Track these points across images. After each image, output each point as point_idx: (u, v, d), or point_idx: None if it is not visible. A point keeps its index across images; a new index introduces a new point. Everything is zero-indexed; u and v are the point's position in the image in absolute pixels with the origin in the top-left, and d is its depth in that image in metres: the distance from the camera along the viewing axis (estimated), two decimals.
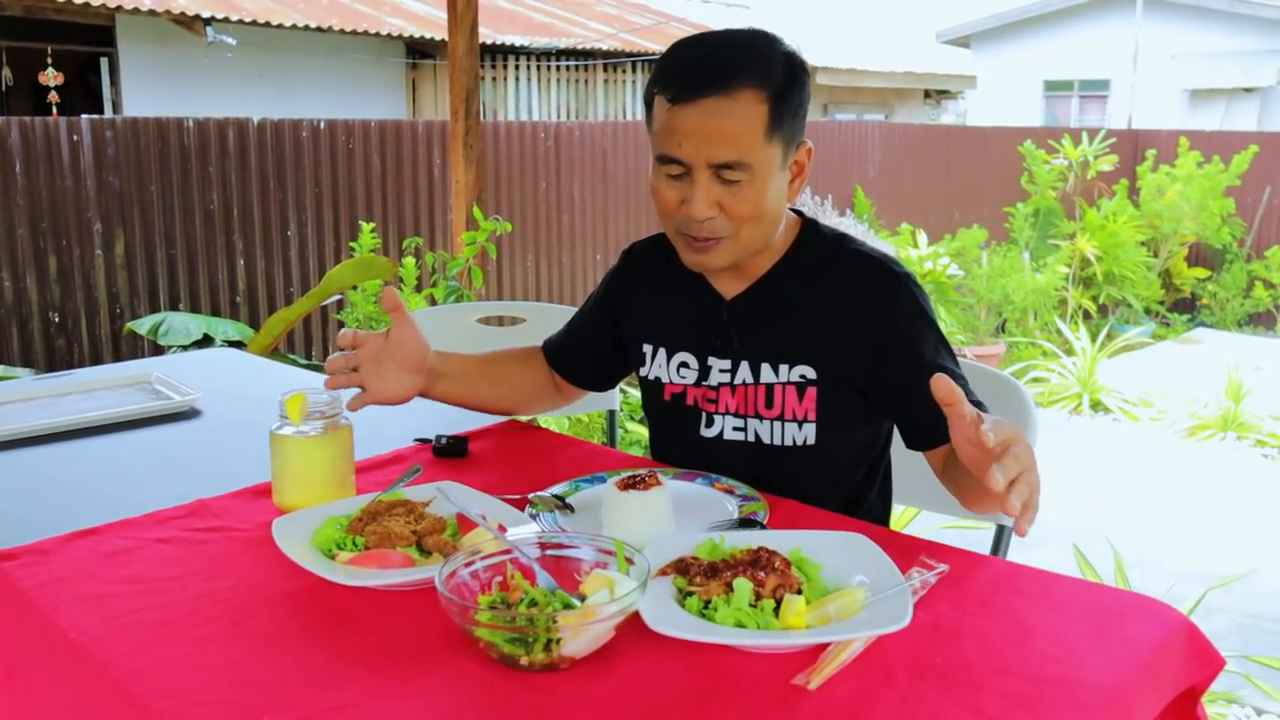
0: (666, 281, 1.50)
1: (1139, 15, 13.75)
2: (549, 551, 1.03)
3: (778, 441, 1.38)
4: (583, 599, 0.95)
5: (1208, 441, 5.47)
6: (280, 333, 3.76)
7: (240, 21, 7.41)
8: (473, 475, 1.37)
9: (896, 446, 1.44)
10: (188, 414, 1.74)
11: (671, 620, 0.93)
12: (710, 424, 1.43)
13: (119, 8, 6.91)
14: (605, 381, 1.68)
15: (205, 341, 3.86)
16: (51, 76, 7.17)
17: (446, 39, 4.08)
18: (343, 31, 7.88)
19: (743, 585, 0.96)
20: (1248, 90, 14.07)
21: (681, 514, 1.22)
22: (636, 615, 0.93)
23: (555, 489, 1.32)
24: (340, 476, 1.29)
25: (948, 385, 0.99)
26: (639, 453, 3.98)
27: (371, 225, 4.37)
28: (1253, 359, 6.91)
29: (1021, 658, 0.93)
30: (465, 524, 1.16)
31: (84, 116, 4.37)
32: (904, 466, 1.52)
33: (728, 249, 1.33)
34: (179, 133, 4.59)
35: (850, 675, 0.90)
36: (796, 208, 1.45)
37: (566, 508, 1.27)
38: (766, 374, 1.38)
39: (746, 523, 1.21)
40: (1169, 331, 8.53)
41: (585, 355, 1.63)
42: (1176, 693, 1.01)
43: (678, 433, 1.47)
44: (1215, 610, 3.26)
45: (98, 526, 1.21)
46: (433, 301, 3.92)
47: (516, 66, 9.16)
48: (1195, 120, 13.92)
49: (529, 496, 1.28)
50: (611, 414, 2.14)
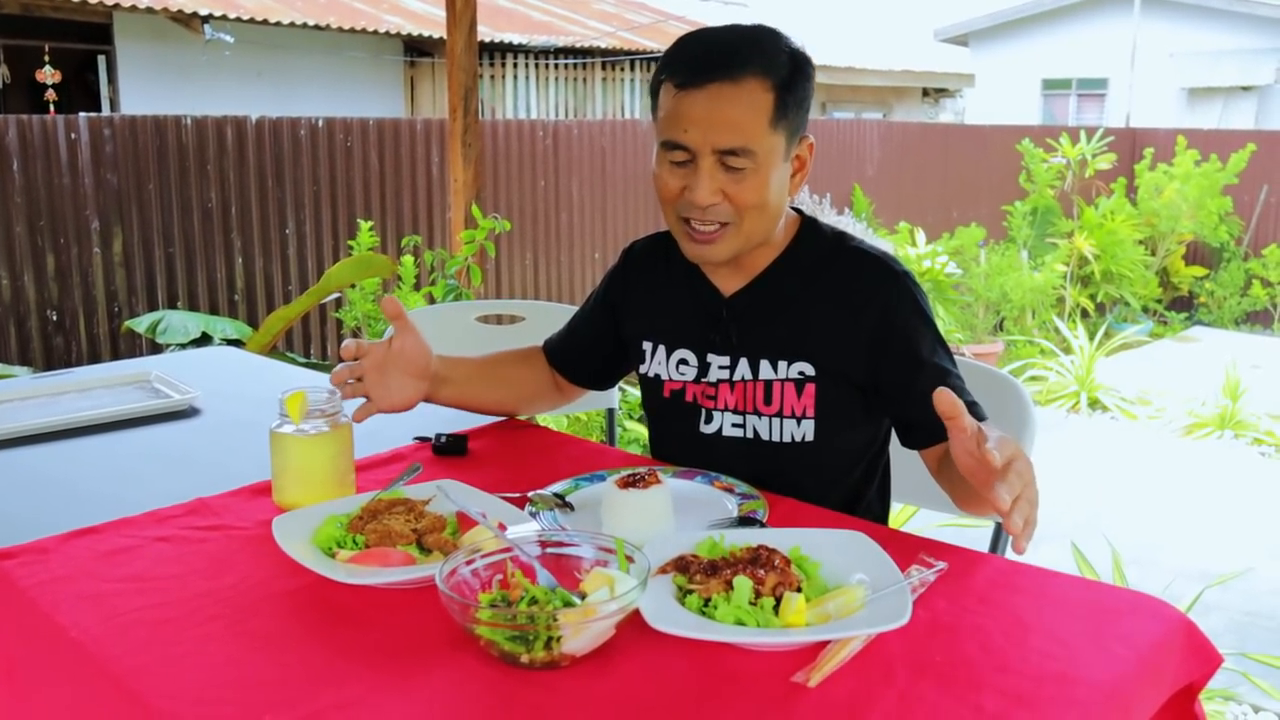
0: (666, 278, 1.50)
1: (1137, 14, 13.76)
2: (549, 550, 1.03)
3: (776, 438, 1.39)
4: (583, 597, 0.95)
5: (1205, 440, 5.48)
6: (279, 331, 3.76)
7: (238, 19, 7.41)
8: (472, 474, 1.37)
9: (895, 445, 1.45)
10: (187, 413, 1.74)
11: (671, 618, 0.94)
12: (709, 420, 1.43)
13: (116, 5, 6.90)
14: (606, 380, 1.68)
15: (204, 340, 3.86)
16: (49, 74, 7.16)
17: (445, 37, 4.08)
18: (341, 29, 7.88)
19: (742, 583, 0.96)
20: (1245, 89, 14.08)
21: (681, 512, 1.22)
22: (637, 613, 0.93)
23: (555, 487, 1.32)
24: (340, 475, 1.29)
25: (950, 399, 0.99)
26: (638, 451, 3.98)
27: (370, 223, 4.37)
28: (1250, 357, 6.92)
29: (1020, 655, 0.94)
30: (465, 522, 1.16)
31: (82, 114, 4.36)
32: (903, 465, 1.52)
33: (730, 240, 1.33)
34: (177, 131, 4.59)
35: (850, 673, 0.90)
36: (795, 206, 1.45)
37: (566, 506, 1.27)
38: (765, 370, 1.39)
39: (746, 521, 1.21)
40: (1167, 330, 8.54)
41: (586, 354, 1.63)
42: (1174, 690, 1.01)
43: (677, 429, 1.48)
44: (1213, 608, 3.27)
45: (97, 525, 1.21)
46: (431, 300, 3.92)
47: (515, 65, 9.16)
48: (1193, 119, 13.93)
49: (529, 495, 1.28)
50: (610, 412, 2.14)
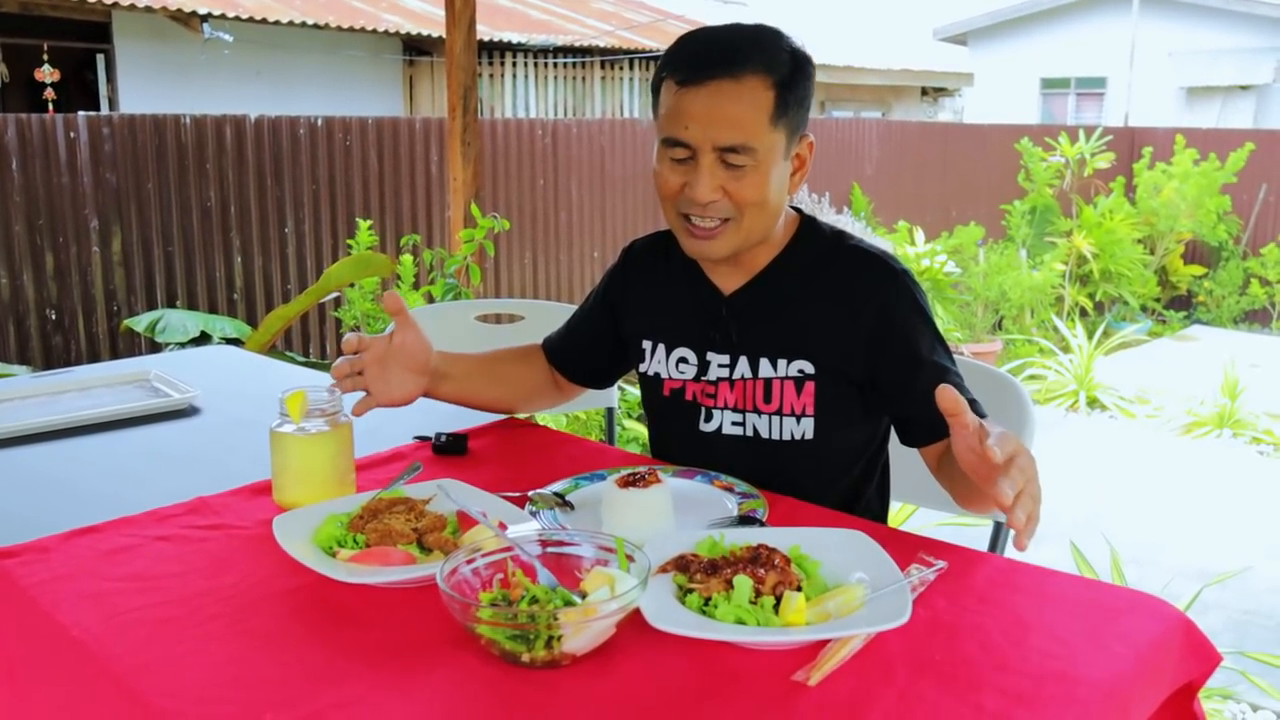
0: (666, 277, 1.51)
1: (1135, 13, 13.77)
2: (550, 549, 1.03)
3: (776, 436, 1.39)
4: (584, 596, 0.95)
5: (1204, 439, 5.48)
6: (278, 330, 3.76)
7: (237, 18, 7.40)
8: (472, 473, 1.38)
9: (895, 444, 1.45)
10: (187, 412, 1.74)
11: (672, 617, 0.94)
12: (709, 419, 1.44)
13: (115, 4, 6.89)
14: (605, 379, 1.68)
15: (203, 339, 3.86)
16: (47, 73, 7.15)
17: (444, 36, 4.08)
18: (339, 28, 7.87)
19: (743, 582, 0.96)
20: (1244, 88, 14.09)
21: (681, 511, 1.22)
22: (637, 612, 0.93)
23: (555, 486, 1.32)
24: (340, 474, 1.29)
25: (952, 396, 1.00)
26: (637, 450, 3.98)
27: (369, 222, 4.37)
28: (1248, 356, 6.92)
29: (1020, 654, 0.94)
30: (466, 521, 1.16)
31: (80, 113, 4.36)
32: (902, 464, 1.52)
33: (729, 236, 1.33)
34: (176, 130, 4.59)
35: (850, 672, 0.90)
36: (794, 205, 1.46)
37: (567, 505, 1.27)
38: (765, 369, 1.39)
39: (746, 520, 1.21)
40: (1165, 329, 8.55)
41: (585, 352, 1.63)
42: (1173, 688, 1.02)
43: (677, 428, 1.48)
44: (1211, 606, 3.28)
45: (98, 524, 1.21)
46: (430, 299, 3.91)
47: (514, 64, 9.15)
48: (1192, 118, 13.94)
49: (529, 494, 1.28)
50: (610, 411, 2.14)
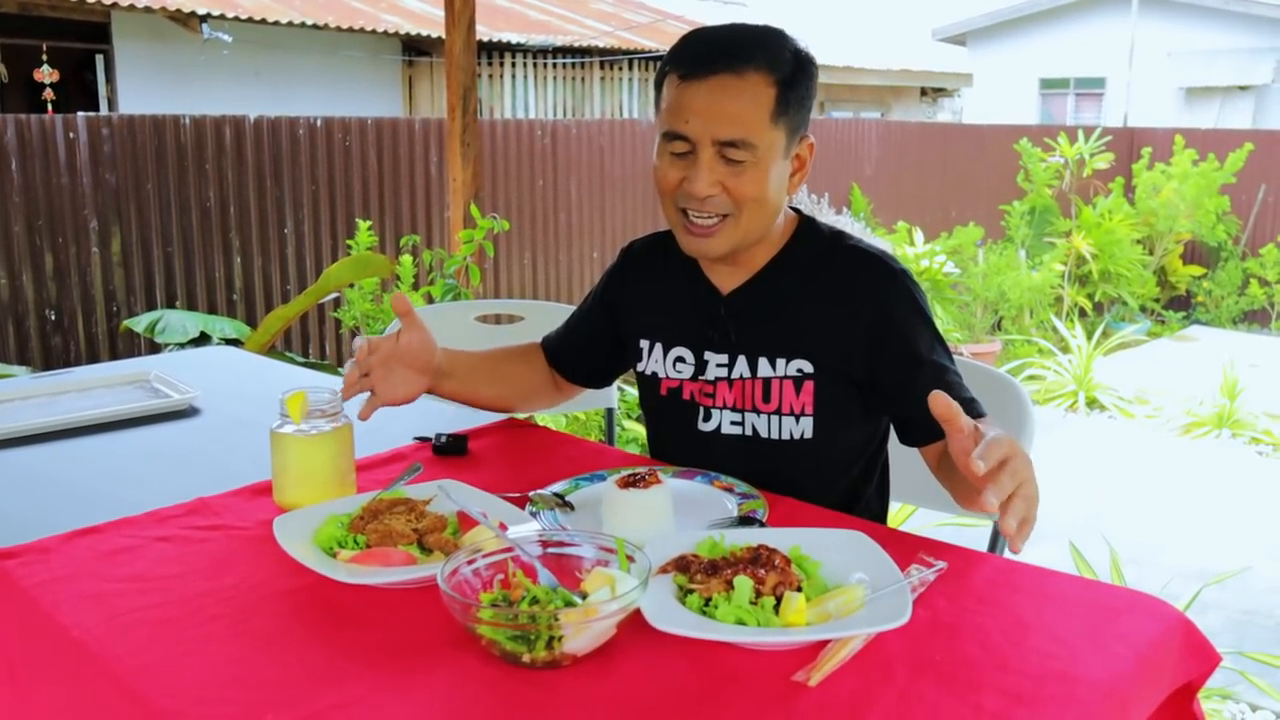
0: (664, 276, 1.51)
1: (1134, 13, 13.77)
2: (550, 549, 1.03)
3: (775, 435, 1.39)
4: (584, 597, 0.95)
5: (1203, 439, 5.49)
6: (277, 330, 3.76)
7: (236, 18, 7.40)
8: (472, 473, 1.38)
9: (894, 443, 1.45)
10: (187, 412, 1.74)
11: (672, 617, 0.94)
12: (708, 418, 1.44)
13: (114, 4, 6.89)
14: (603, 379, 1.69)
15: (202, 339, 3.86)
16: (47, 74, 7.15)
17: (443, 36, 4.08)
18: (339, 29, 7.87)
19: (743, 583, 0.96)
20: (1243, 88, 14.10)
21: (681, 512, 1.23)
22: (638, 613, 0.93)
23: (555, 487, 1.32)
24: (341, 475, 1.29)
25: (945, 402, 1.00)
26: (637, 450, 3.98)
27: (369, 223, 4.36)
28: (1248, 356, 6.93)
29: (1019, 654, 0.94)
30: (466, 522, 1.16)
31: (80, 114, 4.36)
32: (902, 464, 1.52)
33: (727, 233, 1.33)
34: (175, 130, 4.59)
35: (850, 672, 0.90)
36: (793, 205, 1.46)
37: (567, 506, 1.27)
38: (764, 368, 1.39)
39: (746, 520, 1.21)
40: (1164, 329, 8.55)
41: (584, 352, 1.64)
42: (1173, 688, 1.02)
43: (675, 428, 1.48)
44: (1210, 607, 3.28)
45: (98, 525, 1.21)
46: (430, 300, 3.91)
47: (513, 64, 9.15)
48: (1190, 118, 13.94)
49: (529, 495, 1.28)
50: (609, 412, 2.14)
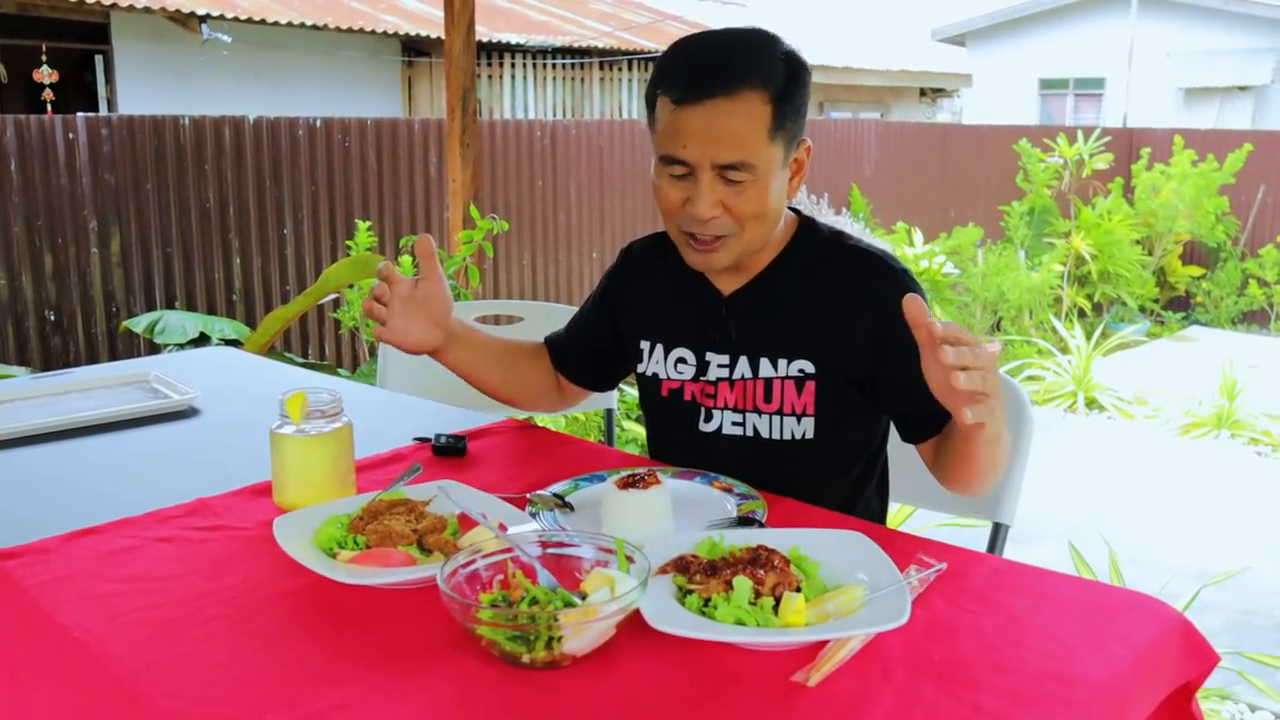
0: (664, 277, 1.51)
1: (1134, 13, 13.78)
2: (550, 550, 1.04)
3: (776, 436, 1.39)
4: (584, 597, 0.95)
5: (1202, 439, 5.49)
6: (277, 331, 3.76)
7: (235, 19, 7.40)
8: (472, 474, 1.38)
9: (894, 444, 1.45)
10: (186, 413, 1.74)
11: (672, 618, 0.94)
12: (709, 419, 1.44)
13: (114, 5, 6.89)
14: (605, 381, 1.69)
15: (201, 340, 3.86)
16: (46, 74, 7.14)
17: (442, 37, 4.08)
18: (338, 29, 7.87)
19: (742, 583, 0.96)
20: (1242, 89, 14.11)
21: (681, 513, 1.23)
22: (637, 613, 0.93)
23: (555, 488, 1.32)
24: (340, 475, 1.29)
25: (919, 306, 1.02)
26: (636, 451, 3.98)
27: (368, 223, 4.36)
28: (1247, 357, 6.93)
29: (1018, 654, 0.94)
30: (466, 523, 1.16)
31: (79, 114, 4.36)
32: (901, 464, 1.53)
33: (731, 248, 1.34)
34: (175, 131, 4.59)
35: (849, 672, 0.90)
36: (793, 206, 1.46)
37: (566, 506, 1.27)
38: (765, 368, 1.39)
39: (745, 521, 1.22)
40: (1164, 329, 8.55)
41: (585, 354, 1.64)
42: (1172, 689, 1.02)
43: (676, 428, 1.48)
44: (1209, 607, 3.28)
45: (99, 525, 1.21)
46: None
47: (512, 64, 9.15)
48: (1190, 118, 13.95)
49: (529, 495, 1.28)
50: (609, 413, 2.14)
